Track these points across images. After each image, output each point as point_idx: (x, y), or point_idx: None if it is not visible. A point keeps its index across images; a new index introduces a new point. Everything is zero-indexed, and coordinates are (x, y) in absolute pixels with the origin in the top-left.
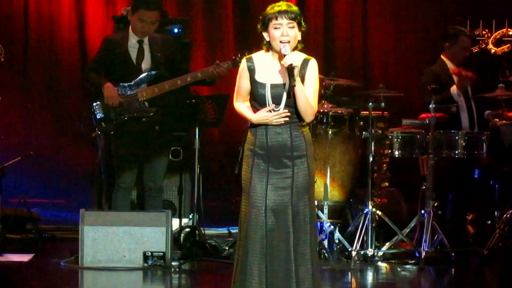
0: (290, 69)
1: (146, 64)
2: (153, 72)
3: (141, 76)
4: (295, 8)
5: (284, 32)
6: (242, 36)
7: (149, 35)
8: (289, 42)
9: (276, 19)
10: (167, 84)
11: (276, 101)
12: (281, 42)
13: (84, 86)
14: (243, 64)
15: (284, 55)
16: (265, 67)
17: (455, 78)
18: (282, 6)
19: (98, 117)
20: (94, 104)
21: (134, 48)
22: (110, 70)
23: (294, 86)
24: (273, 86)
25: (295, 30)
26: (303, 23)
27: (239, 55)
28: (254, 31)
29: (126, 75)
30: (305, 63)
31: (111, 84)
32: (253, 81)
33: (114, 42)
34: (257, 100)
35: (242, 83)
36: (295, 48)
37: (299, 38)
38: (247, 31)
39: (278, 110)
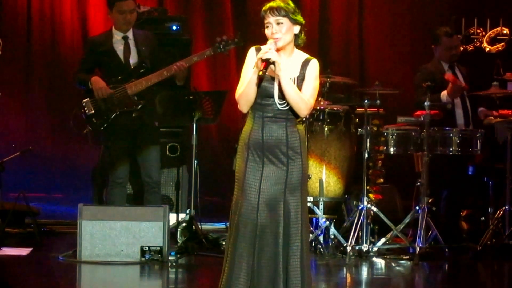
0: (267, 63)
1: (133, 59)
2: (141, 65)
3: (129, 71)
4: (283, 4)
5: (274, 29)
6: (241, 32)
7: (133, 31)
8: (280, 37)
9: (265, 18)
10: (155, 77)
11: (282, 95)
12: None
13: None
14: (252, 52)
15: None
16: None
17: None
18: (271, 3)
19: (88, 113)
20: (84, 101)
21: (120, 45)
22: (99, 69)
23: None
24: (279, 81)
25: (286, 25)
26: (297, 17)
27: (218, 40)
28: (253, 27)
29: (115, 72)
30: (306, 63)
31: (97, 77)
32: None
33: (97, 41)
34: (258, 92)
35: (249, 71)
36: (297, 45)
37: (296, 32)
38: (246, 28)
39: (284, 103)
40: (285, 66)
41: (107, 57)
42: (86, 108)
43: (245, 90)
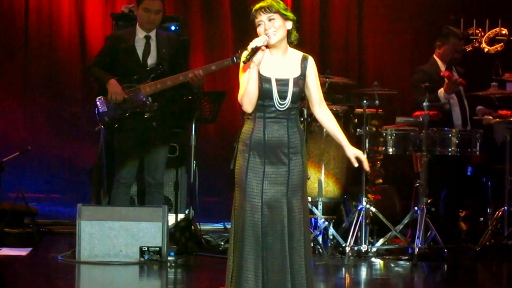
0: (254, 49)
1: (151, 59)
2: (158, 67)
3: (146, 71)
4: (272, 1)
5: (267, 26)
6: (240, 33)
7: (157, 31)
8: (275, 32)
9: (257, 17)
10: (170, 80)
11: (281, 95)
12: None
13: (89, 79)
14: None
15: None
16: (268, 62)
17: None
18: (260, 3)
19: (101, 111)
20: (97, 98)
21: (141, 44)
22: (115, 66)
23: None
24: (278, 81)
25: (278, 21)
26: (287, 13)
27: (239, 52)
28: (252, 27)
29: (132, 70)
30: (304, 60)
31: (115, 80)
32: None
33: (120, 37)
34: (259, 94)
35: (246, 73)
36: (290, 42)
37: (289, 27)
38: (245, 28)
39: (284, 104)
40: (280, 66)
41: (126, 55)
42: (99, 106)
43: (247, 88)
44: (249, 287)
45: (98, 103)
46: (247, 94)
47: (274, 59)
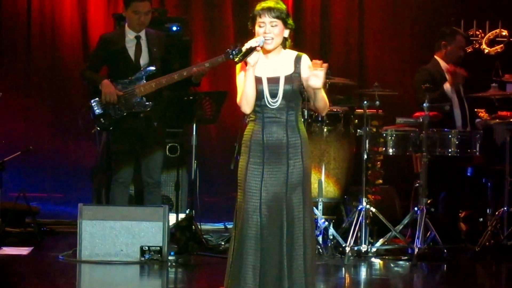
0: (249, 50)
1: (144, 59)
2: (151, 67)
3: (139, 72)
4: (280, 5)
5: (267, 30)
6: (242, 33)
7: (146, 31)
8: (272, 39)
9: (260, 17)
10: (164, 79)
11: (272, 93)
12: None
13: (82, 83)
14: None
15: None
16: (260, 62)
17: (447, 76)
18: (267, 3)
19: (96, 113)
20: (92, 100)
21: (132, 44)
22: (108, 68)
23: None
24: (269, 80)
25: (279, 28)
26: (289, 21)
27: (231, 47)
28: (252, 24)
29: (125, 72)
30: (298, 59)
31: (108, 81)
32: None
33: (110, 39)
34: (257, 94)
35: (242, 76)
36: (284, 46)
37: (286, 35)
38: (247, 28)
39: (275, 102)
40: (273, 65)
41: (118, 56)
42: (94, 108)
43: (244, 90)
44: (248, 287)
45: (93, 105)
46: (244, 96)
47: (267, 59)
